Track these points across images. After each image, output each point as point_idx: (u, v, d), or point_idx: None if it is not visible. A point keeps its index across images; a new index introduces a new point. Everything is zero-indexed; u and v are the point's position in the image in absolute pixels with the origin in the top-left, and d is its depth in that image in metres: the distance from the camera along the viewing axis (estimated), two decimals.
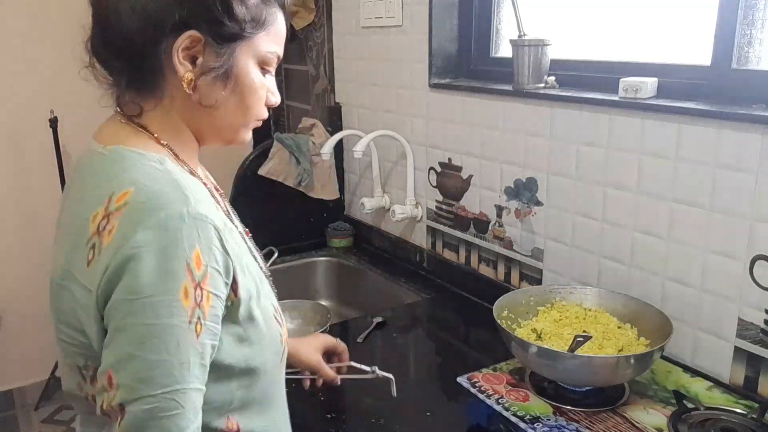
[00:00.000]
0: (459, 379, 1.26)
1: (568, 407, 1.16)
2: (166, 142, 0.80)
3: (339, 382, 1.19)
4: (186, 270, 0.69)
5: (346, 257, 2.14)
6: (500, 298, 1.31)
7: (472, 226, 1.78)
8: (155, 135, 0.79)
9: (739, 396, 1.18)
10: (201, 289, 0.70)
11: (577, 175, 1.47)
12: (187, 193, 0.72)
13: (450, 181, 1.83)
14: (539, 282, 1.59)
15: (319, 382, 1.19)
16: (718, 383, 1.23)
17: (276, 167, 2.14)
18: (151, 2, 0.73)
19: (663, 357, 1.29)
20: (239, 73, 0.79)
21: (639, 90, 1.30)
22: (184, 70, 0.76)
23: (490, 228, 1.72)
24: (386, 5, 1.93)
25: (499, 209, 1.68)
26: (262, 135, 2.64)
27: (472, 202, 1.77)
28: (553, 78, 1.53)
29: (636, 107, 1.31)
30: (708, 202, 1.22)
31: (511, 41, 1.55)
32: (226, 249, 0.73)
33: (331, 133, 2.12)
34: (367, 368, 1.18)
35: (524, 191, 1.60)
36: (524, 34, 1.53)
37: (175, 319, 0.68)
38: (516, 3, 1.53)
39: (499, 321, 1.24)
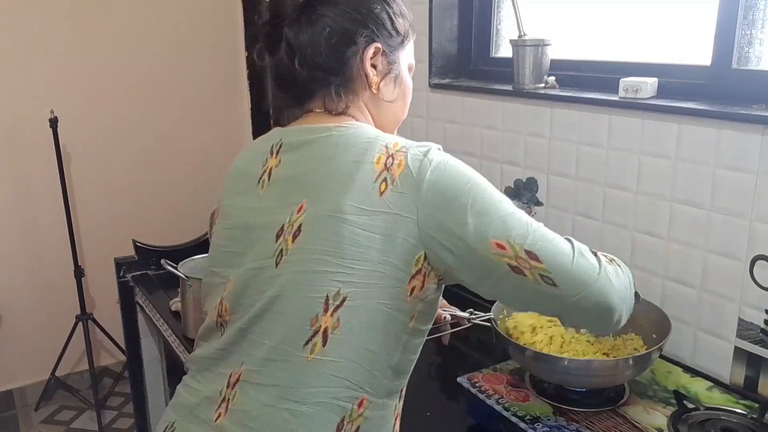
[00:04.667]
0: (459, 379, 1.26)
1: (568, 407, 1.15)
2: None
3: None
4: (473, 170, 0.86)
5: None
6: None
7: None
8: (361, 122, 0.94)
9: (739, 396, 1.18)
10: None
11: (577, 175, 1.47)
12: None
13: None
14: None
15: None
16: (718, 383, 1.23)
17: None
18: (346, 23, 0.89)
19: (663, 357, 1.29)
20: (403, 75, 0.98)
21: (639, 90, 1.30)
22: (372, 74, 0.92)
23: None
24: None
25: None
26: (263, 134, 2.65)
27: None
28: (553, 78, 1.53)
29: (636, 107, 1.31)
30: (708, 202, 1.22)
31: (511, 41, 1.55)
32: None
33: None
34: (465, 314, 1.27)
35: (524, 191, 1.60)
36: (524, 34, 1.53)
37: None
38: (516, 3, 1.53)
39: (497, 323, 1.24)
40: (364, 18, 0.90)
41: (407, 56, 0.98)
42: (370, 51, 0.91)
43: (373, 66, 0.93)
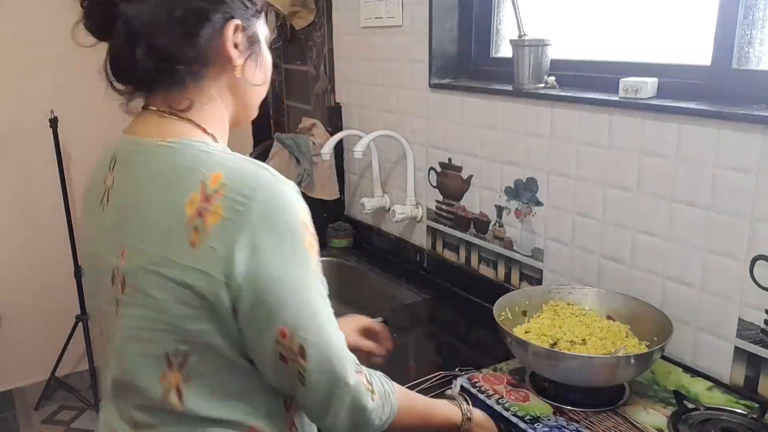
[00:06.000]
0: (459, 379, 1.26)
1: (569, 407, 1.15)
2: (210, 131, 0.84)
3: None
4: (305, 228, 0.77)
5: (346, 257, 2.13)
6: (500, 299, 1.31)
7: (472, 226, 1.78)
8: (201, 125, 0.82)
9: (740, 396, 1.18)
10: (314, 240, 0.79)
11: (577, 175, 1.47)
12: (268, 169, 0.80)
13: (450, 181, 1.83)
14: (539, 282, 1.59)
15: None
16: (718, 383, 1.23)
17: (276, 167, 2.11)
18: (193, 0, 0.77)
19: (663, 357, 1.29)
20: (263, 50, 0.87)
21: (639, 90, 1.30)
22: (236, 56, 0.81)
23: (490, 228, 1.72)
24: (386, 5, 1.93)
25: (500, 209, 1.68)
26: (263, 135, 2.65)
27: (473, 202, 1.77)
28: (553, 78, 1.53)
29: (636, 107, 1.31)
30: (708, 202, 1.22)
31: (511, 41, 1.55)
32: None
33: (332, 134, 2.12)
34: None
35: (524, 191, 1.60)
36: (524, 34, 1.53)
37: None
38: (516, 3, 1.53)
39: (498, 321, 1.24)
40: None
41: (263, 29, 0.87)
42: (230, 29, 0.79)
43: (235, 46, 0.81)
